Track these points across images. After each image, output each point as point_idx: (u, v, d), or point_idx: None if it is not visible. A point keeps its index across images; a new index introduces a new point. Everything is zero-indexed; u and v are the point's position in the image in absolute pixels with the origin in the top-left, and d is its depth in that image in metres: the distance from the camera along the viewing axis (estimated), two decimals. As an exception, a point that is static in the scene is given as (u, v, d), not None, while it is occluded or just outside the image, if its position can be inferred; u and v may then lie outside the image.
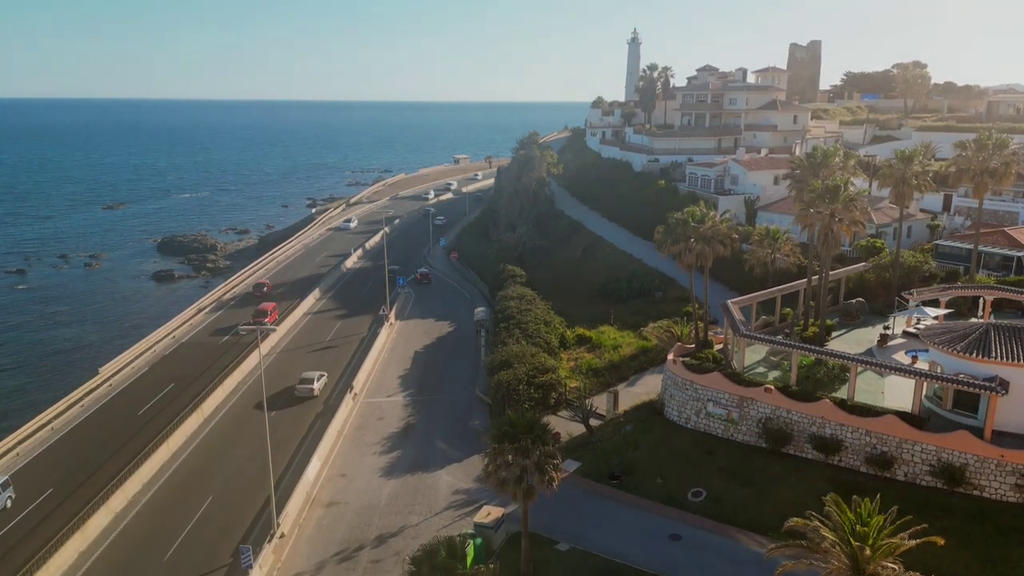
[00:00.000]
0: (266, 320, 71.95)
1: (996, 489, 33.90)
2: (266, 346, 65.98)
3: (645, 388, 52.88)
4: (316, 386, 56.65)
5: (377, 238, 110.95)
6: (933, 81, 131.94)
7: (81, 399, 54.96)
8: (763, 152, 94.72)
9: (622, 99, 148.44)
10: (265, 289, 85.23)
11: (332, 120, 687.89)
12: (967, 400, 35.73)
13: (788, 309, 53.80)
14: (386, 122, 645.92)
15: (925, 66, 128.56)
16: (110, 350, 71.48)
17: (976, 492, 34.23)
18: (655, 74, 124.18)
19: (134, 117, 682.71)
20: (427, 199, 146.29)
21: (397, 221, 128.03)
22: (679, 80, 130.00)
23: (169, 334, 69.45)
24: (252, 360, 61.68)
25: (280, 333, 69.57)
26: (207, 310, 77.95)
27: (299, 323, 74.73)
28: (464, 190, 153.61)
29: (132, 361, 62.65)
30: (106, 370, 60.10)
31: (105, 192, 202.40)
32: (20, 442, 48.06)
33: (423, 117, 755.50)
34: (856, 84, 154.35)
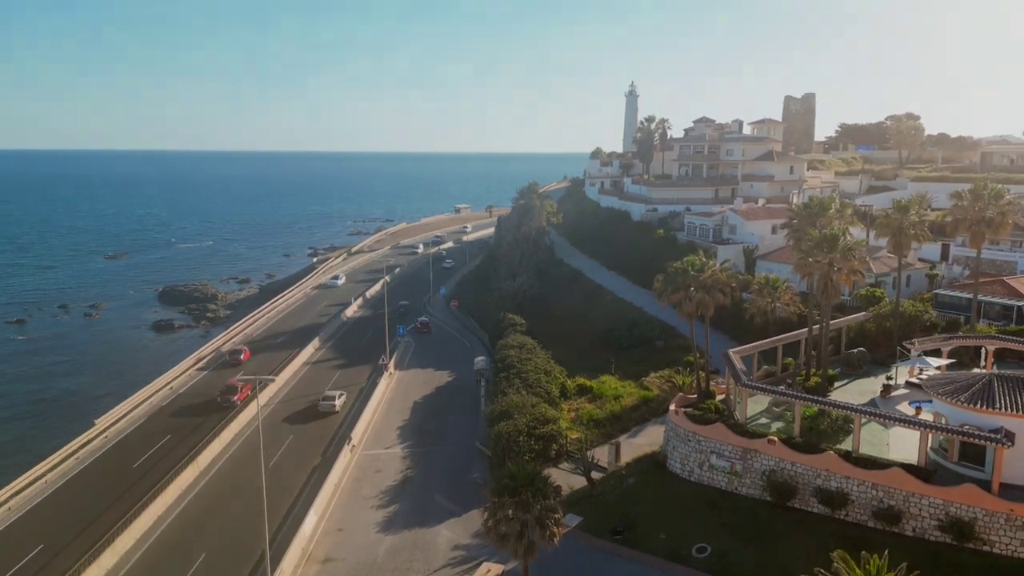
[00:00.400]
0: (235, 398, 62.37)
1: (1007, 545, 33.16)
2: (264, 396, 65.42)
3: (647, 439, 52.23)
4: (338, 403, 63.24)
5: (378, 287, 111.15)
6: (926, 132, 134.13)
7: (76, 451, 54.20)
8: (760, 202, 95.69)
9: (620, 150, 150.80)
10: (242, 357, 75.10)
11: (332, 171, 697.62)
12: (973, 452, 35.24)
13: (790, 359, 53.53)
14: (386, 173, 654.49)
15: (918, 118, 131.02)
16: (107, 401, 70.84)
17: (986, 548, 33.46)
18: (652, 126, 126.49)
19: (139, 169, 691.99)
20: (417, 252, 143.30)
21: (398, 270, 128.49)
22: (676, 131, 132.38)
23: (167, 385, 68.94)
24: (251, 411, 61.09)
25: (279, 383, 69.09)
26: (206, 359, 77.51)
27: (298, 373, 74.25)
28: (443, 248, 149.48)
29: (129, 412, 62.03)
30: (102, 421, 59.47)
31: (108, 242, 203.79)
32: (13, 495, 47.23)
33: (423, 168, 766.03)
34: (850, 135, 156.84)
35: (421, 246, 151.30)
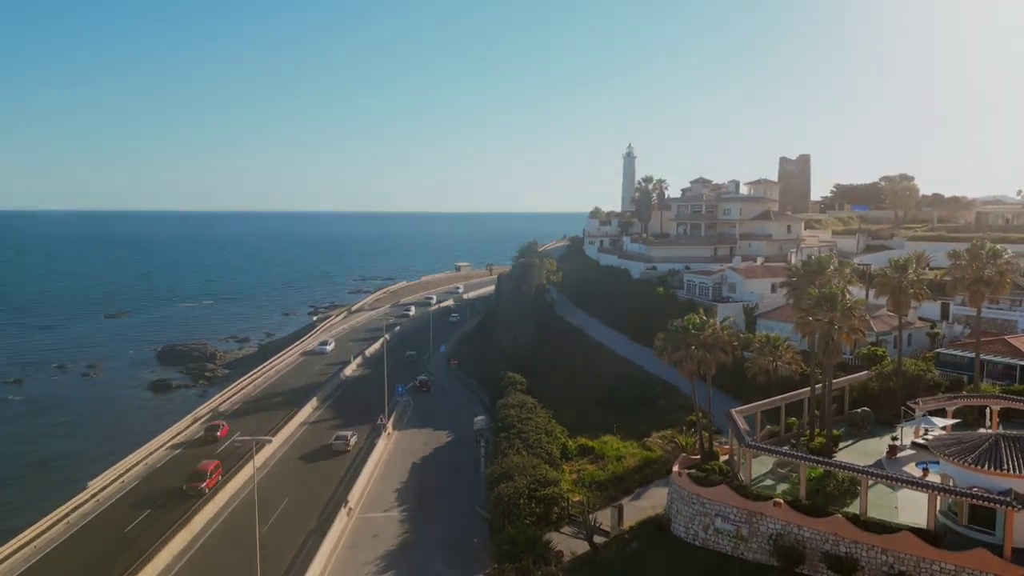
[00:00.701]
0: (203, 485, 56.63)
1: (1024, 612, 32.09)
2: (259, 458, 64.41)
3: (651, 502, 51.21)
4: (351, 441, 68.48)
5: (377, 345, 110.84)
6: (921, 193, 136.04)
7: (67, 515, 53.04)
8: (759, 260, 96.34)
9: (619, 209, 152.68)
10: (219, 434, 69.56)
11: (334, 231, 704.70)
12: (983, 515, 34.50)
13: (793, 419, 52.92)
14: (383, 233, 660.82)
15: (912, 178, 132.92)
16: (100, 463, 69.63)
17: (1003, 616, 32.39)
18: (650, 186, 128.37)
19: (139, 228, 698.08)
20: (408, 314, 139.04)
21: (398, 328, 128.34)
22: (673, 191, 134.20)
23: (162, 446, 68.00)
24: (246, 472, 60.07)
25: (275, 444, 68.16)
26: (203, 420, 76.65)
27: (295, 433, 73.32)
28: (443, 305, 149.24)
29: (122, 475, 60.96)
30: (95, 484, 58.35)
31: (108, 301, 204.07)
32: (0, 561, 46.03)
33: (422, 227, 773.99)
34: (846, 195, 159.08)
35: (412, 308, 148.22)
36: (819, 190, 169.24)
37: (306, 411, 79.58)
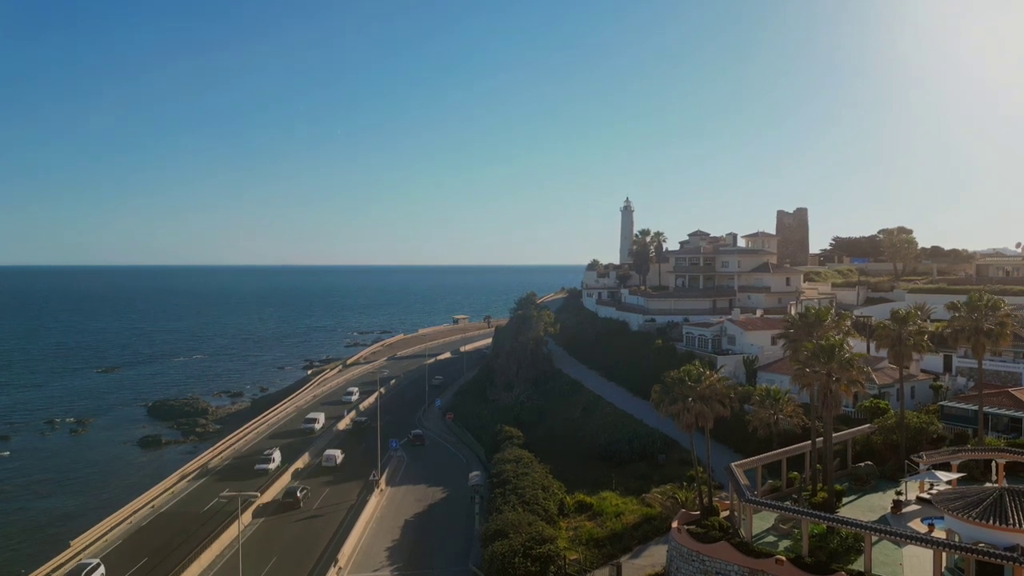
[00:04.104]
0: None
1: (1038, 676, 31.12)
2: (247, 516, 63.30)
3: (651, 560, 50.14)
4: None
5: (372, 399, 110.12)
6: (920, 245, 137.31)
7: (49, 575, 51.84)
8: (758, 313, 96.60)
9: (617, 261, 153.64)
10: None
11: (330, 284, 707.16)
12: (990, 572, 33.74)
13: (795, 473, 52.32)
14: (378, 286, 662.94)
15: (910, 231, 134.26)
16: (85, 521, 68.44)
17: None
18: (648, 238, 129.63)
19: (127, 283, 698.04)
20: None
21: (393, 381, 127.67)
22: (672, 244, 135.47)
23: (148, 503, 66.90)
24: (232, 531, 58.92)
25: (264, 500, 67.03)
26: (190, 477, 75.62)
27: (285, 489, 72.12)
28: (438, 359, 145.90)
29: (106, 533, 59.85)
30: (77, 543, 57.25)
31: (98, 357, 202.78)
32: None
33: (418, 280, 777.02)
34: (844, 248, 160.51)
35: (385, 372, 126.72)
36: (817, 243, 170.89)
37: (297, 466, 78.48)
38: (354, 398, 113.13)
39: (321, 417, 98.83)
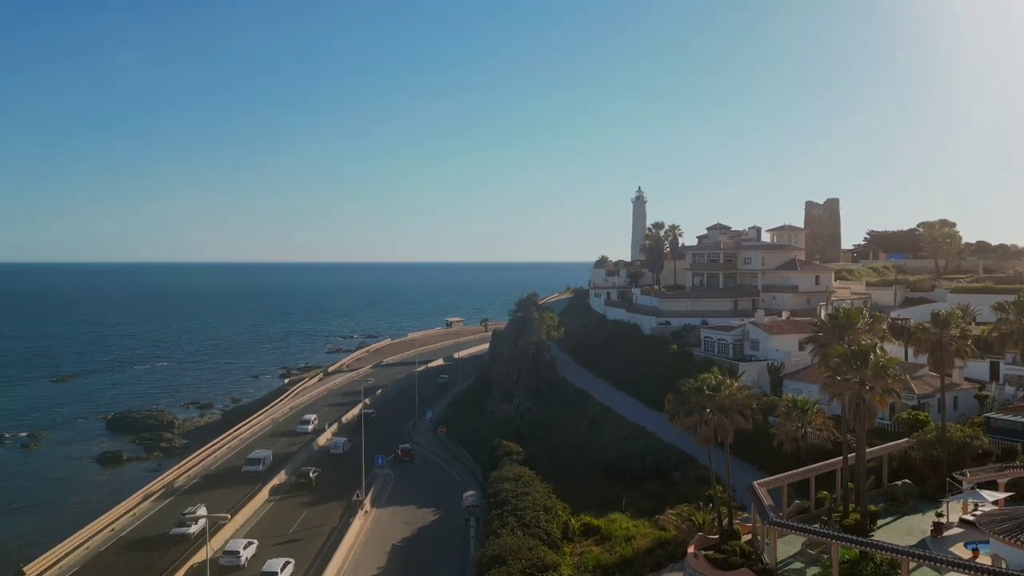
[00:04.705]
0: None
1: None
2: (218, 540, 63.31)
3: (663, 589, 50.21)
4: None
5: (356, 410, 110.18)
6: (964, 240, 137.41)
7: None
8: (784, 315, 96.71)
9: (628, 258, 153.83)
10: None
11: (311, 282, 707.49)
12: (1042, 602, 33.86)
13: (824, 492, 52.49)
14: (369, 285, 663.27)
15: (953, 225, 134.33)
16: (38, 545, 68.50)
17: None
18: (662, 232, 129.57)
19: (70, 282, 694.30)
20: (308, 425, 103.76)
21: (380, 391, 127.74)
22: (688, 238, 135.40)
23: (107, 526, 66.95)
24: (201, 556, 58.90)
25: (236, 524, 67.13)
26: (155, 497, 75.71)
27: (260, 510, 72.33)
28: (414, 372, 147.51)
29: (61, 559, 59.90)
30: (30, 569, 57.23)
31: (50, 364, 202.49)
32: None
33: (406, 278, 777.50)
34: (880, 243, 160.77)
35: (314, 417, 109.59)
36: (850, 237, 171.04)
37: (275, 482, 78.60)
38: (311, 427, 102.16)
39: (267, 457, 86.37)
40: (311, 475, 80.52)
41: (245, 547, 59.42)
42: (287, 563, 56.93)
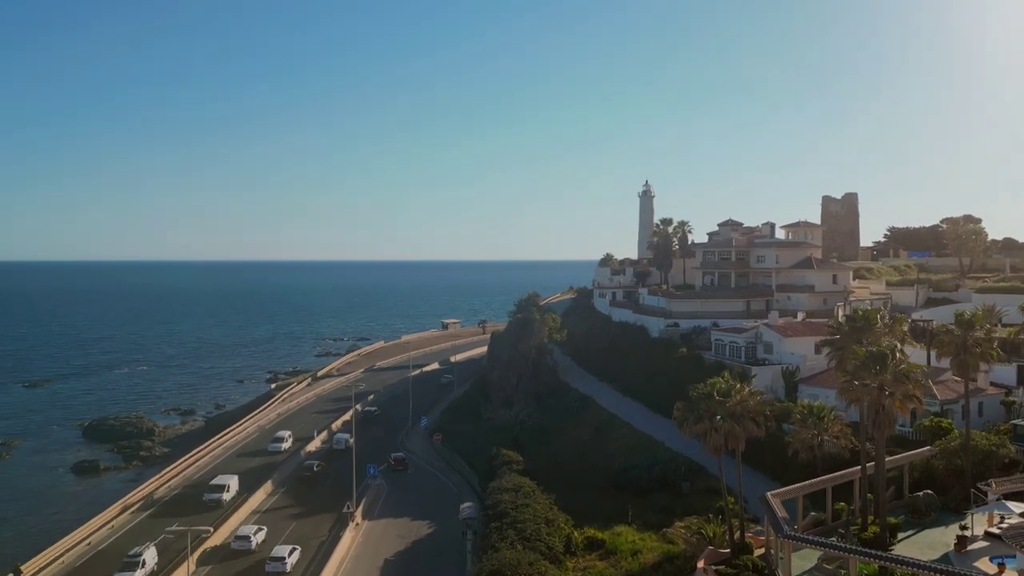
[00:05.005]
0: None
1: None
2: (199, 554, 63.41)
3: (672, 606, 50.29)
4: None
5: (347, 416, 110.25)
6: (990, 237, 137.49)
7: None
8: (800, 316, 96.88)
9: (634, 256, 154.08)
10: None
11: (296, 282, 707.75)
12: (1072, 620, 33.91)
13: (842, 503, 52.55)
14: (360, 284, 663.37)
15: (979, 221, 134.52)
16: (7, 563, 68.45)
17: None
18: (670, 229, 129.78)
19: (52, 282, 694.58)
20: (281, 444, 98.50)
21: (372, 397, 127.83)
22: (699, 235, 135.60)
23: (83, 539, 67.00)
24: (183, 572, 59.01)
25: (218, 539, 67.15)
26: (134, 509, 75.72)
27: (245, 523, 72.06)
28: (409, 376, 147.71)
29: (35, 574, 59.95)
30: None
31: (21, 368, 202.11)
32: None
33: (400, 278, 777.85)
34: (901, 240, 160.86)
35: (285, 438, 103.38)
36: (870, 234, 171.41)
37: (258, 497, 78.65)
38: (285, 446, 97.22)
39: (231, 483, 79.69)
40: (315, 468, 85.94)
41: (255, 532, 66.41)
42: (294, 549, 62.78)
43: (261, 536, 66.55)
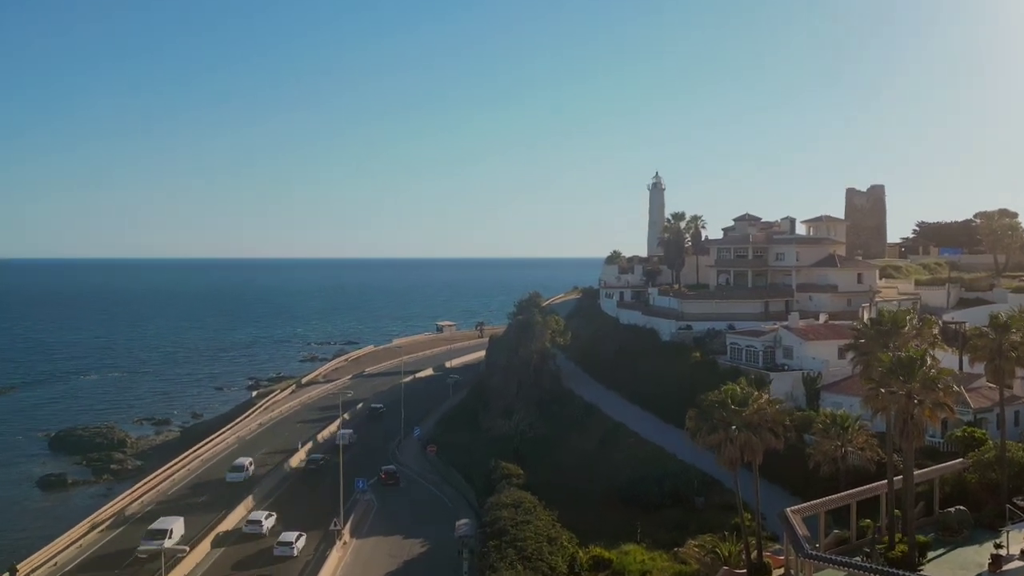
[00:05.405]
0: None
1: None
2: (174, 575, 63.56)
3: (684, 631, 50.37)
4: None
5: (334, 426, 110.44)
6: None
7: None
8: (822, 318, 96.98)
9: (643, 253, 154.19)
10: None
11: (279, 282, 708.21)
12: (1115, 645, 33.97)
13: (867, 520, 52.54)
14: (348, 284, 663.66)
15: (1015, 215, 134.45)
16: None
17: None
18: (683, 224, 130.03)
19: (7, 281, 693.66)
20: (241, 473, 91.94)
21: (360, 405, 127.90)
22: (713, 231, 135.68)
23: (49, 559, 67.06)
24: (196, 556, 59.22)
25: (196, 558, 67.29)
26: (104, 527, 75.79)
27: (223, 542, 72.42)
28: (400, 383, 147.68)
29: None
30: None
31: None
32: None
33: (391, 277, 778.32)
34: (931, 236, 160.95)
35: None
36: (897, 229, 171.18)
37: (239, 513, 78.77)
38: (245, 475, 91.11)
39: (175, 528, 71.04)
40: (320, 462, 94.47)
41: (266, 518, 75.26)
42: (300, 535, 70.43)
43: (271, 522, 75.09)
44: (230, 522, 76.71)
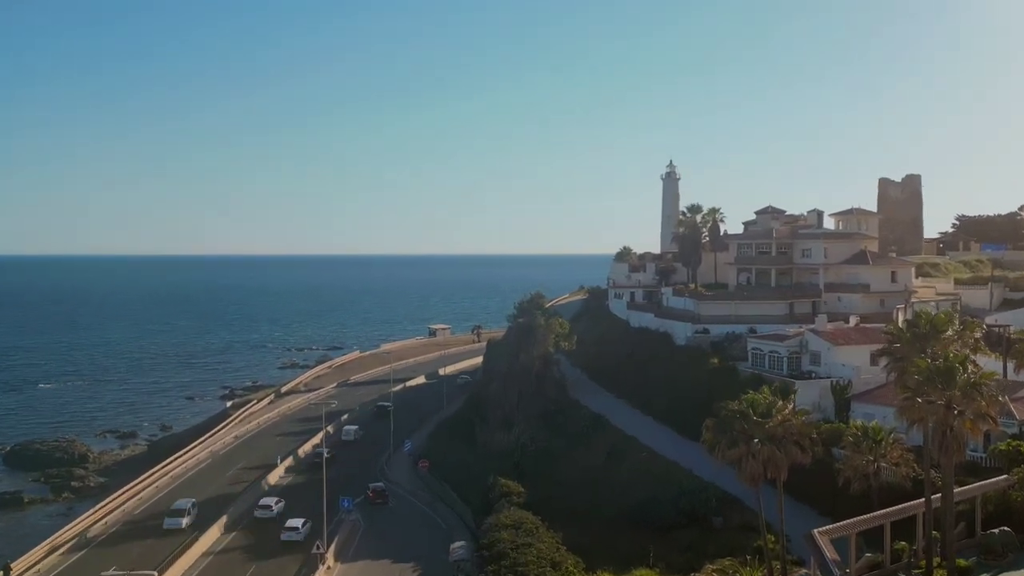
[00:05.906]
0: None
1: None
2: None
3: (701, 664, 50.52)
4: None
5: (317, 439, 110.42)
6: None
7: None
8: (853, 320, 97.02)
9: (656, 250, 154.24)
10: None
11: (256, 282, 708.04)
12: None
13: (902, 543, 52.61)
14: (331, 283, 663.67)
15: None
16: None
17: None
18: (700, 217, 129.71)
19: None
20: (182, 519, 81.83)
21: (345, 416, 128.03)
22: (733, 225, 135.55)
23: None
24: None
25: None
26: (64, 550, 75.88)
27: (195, 567, 72.60)
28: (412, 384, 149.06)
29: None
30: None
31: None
32: None
33: (380, 276, 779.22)
34: (972, 231, 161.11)
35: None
36: (935, 224, 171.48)
37: (211, 536, 78.88)
38: (186, 521, 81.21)
39: None
40: (325, 456, 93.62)
41: (276, 503, 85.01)
42: (306, 521, 78.45)
43: (281, 506, 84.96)
44: (207, 540, 76.95)
